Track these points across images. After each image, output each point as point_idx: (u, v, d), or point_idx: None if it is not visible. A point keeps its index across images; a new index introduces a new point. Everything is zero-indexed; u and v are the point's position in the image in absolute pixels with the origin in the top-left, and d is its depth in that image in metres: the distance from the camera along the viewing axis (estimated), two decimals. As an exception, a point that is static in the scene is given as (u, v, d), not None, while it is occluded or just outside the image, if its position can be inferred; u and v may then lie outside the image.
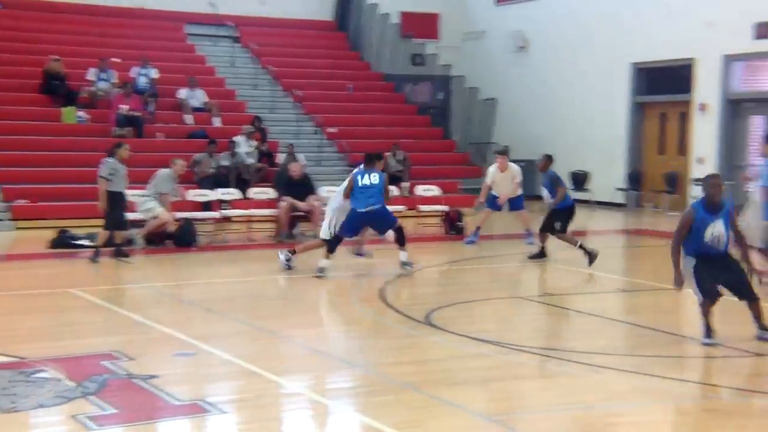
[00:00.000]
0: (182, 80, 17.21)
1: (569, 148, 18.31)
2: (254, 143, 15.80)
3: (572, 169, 17.70)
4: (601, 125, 18.13)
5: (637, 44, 17.36)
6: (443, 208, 14.11)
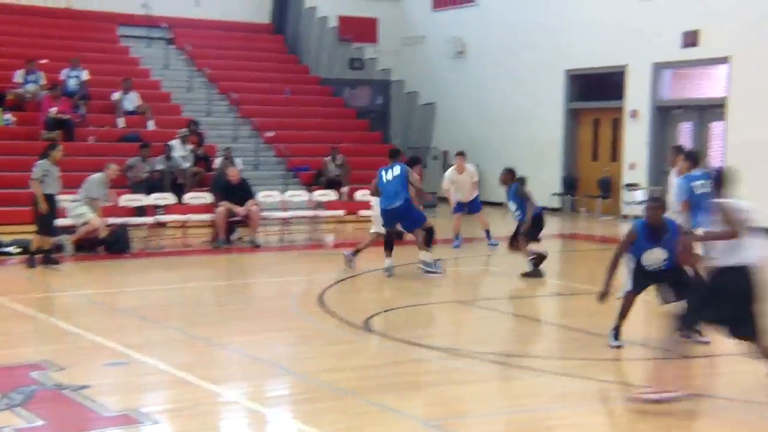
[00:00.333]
0: (115, 82, 16.79)
1: (506, 152, 18.51)
2: (190, 147, 15.52)
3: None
4: (537, 131, 18.42)
5: (571, 51, 17.69)
6: (382, 212, 14.04)
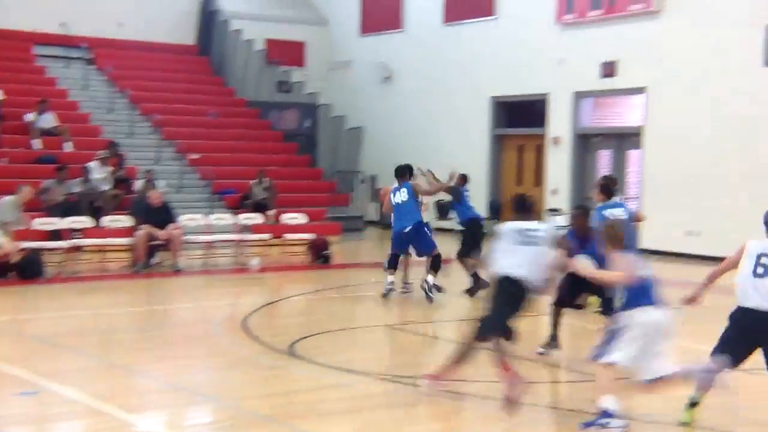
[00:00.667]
0: (31, 103, 16.22)
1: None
2: (109, 169, 15.07)
3: (436, 198, 18.01)
4: (463, 156, 18.50)
5: (495, 79, 18.00)
6: (309, 236, 13.93)
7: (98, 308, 10.03)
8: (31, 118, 16.03)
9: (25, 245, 11.51)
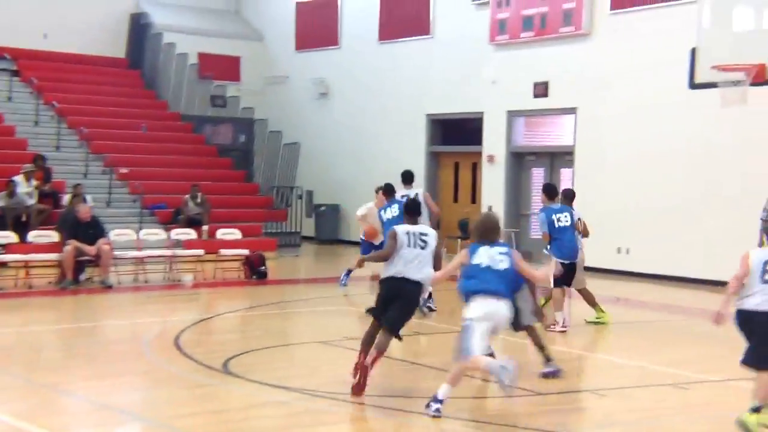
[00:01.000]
0: (-48, 114, 15.62)
1: (371, 193, 18.59)
2: (35, 183, 14.61)
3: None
4: (399, 173, 18.56)
5: (431, 97, 18.17)
6: (244, 252, 13.74)
7: (23, 326, 9.68)
8: (-49, 130, 15.44)
9: (-56, 261, 11.04)
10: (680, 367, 7.80)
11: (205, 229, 15.06)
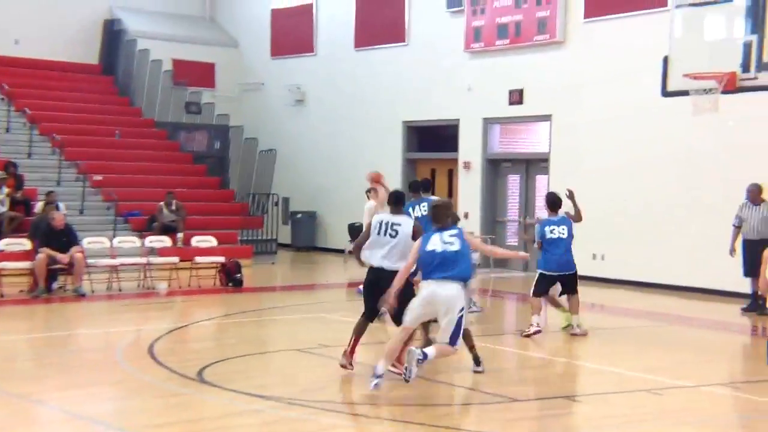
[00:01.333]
0: None
1: (347, 200, 18.63)
2: (7, 190, 14.42)
3: (350, 221, 18.01)
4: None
5: (408, 104, 18.20)
6: (220, 259, 13.65)
7: (-7, 336, 9.50)
8: None
9: None
10: (656, 373, 7.85)
11: (180, 236, 14.95)
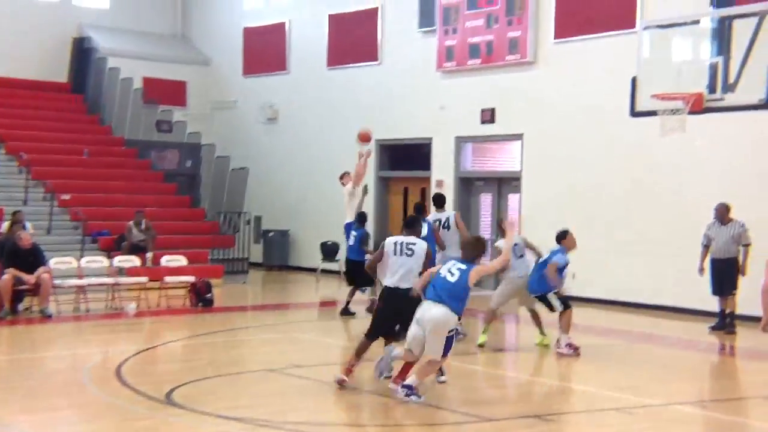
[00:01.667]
0: None
1: (320, 219, 18.57)
2: (-28, 210, 14.16)
3: (322, 239, 17.94)
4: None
5: (380, 122, 18.20)
6: (190, 279, 13.50)
7: (-45, 359, 9.28)
8: None
9: None
10: (625, 391, 7.87)
11: (149, 255, 14.77)
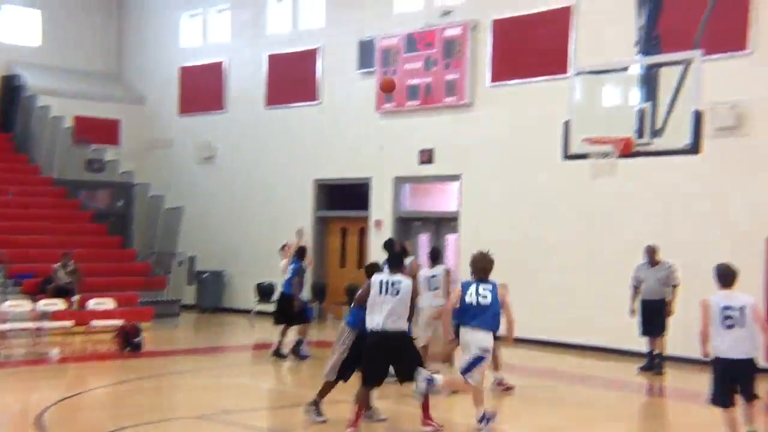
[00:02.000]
0: None
1: (256, 259, 18.29)
2: None
3: (258, 280, 17.65)
4: (286, 237, 18.34)
5: (319, 162, 18.15)
6: (117, 322, 13.05)
7: None
8: None
9: None
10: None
11: (75, 299, 14.24)
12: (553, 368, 12.07)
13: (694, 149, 9.09)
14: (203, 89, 20.24)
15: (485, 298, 7.47)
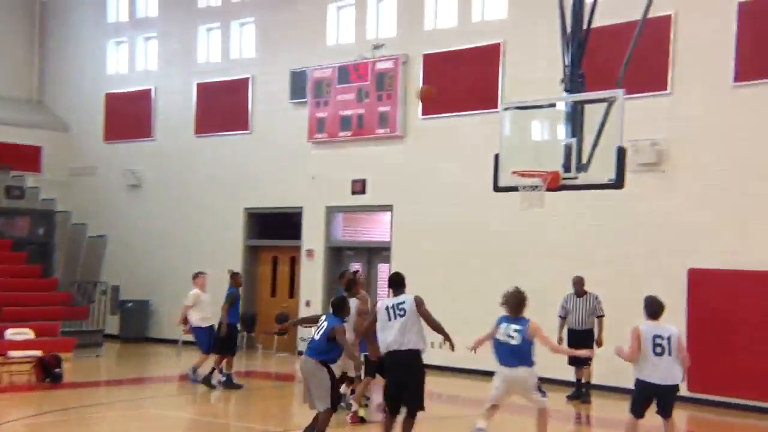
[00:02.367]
0: None
1: (183, 288, 17.80)
2: None
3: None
4: (216, 267, 17.99)
5: (250, 191, 18.00)
6: (36, 353, 12.56)
7: None
8: None
9: None
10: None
11: (-8, 329, 13.67)
12: (478, 397, 12.13)
13: (618, 184, 9.37)
14: (131, 116, 19.89)
15: (512, 338, 7.78)
